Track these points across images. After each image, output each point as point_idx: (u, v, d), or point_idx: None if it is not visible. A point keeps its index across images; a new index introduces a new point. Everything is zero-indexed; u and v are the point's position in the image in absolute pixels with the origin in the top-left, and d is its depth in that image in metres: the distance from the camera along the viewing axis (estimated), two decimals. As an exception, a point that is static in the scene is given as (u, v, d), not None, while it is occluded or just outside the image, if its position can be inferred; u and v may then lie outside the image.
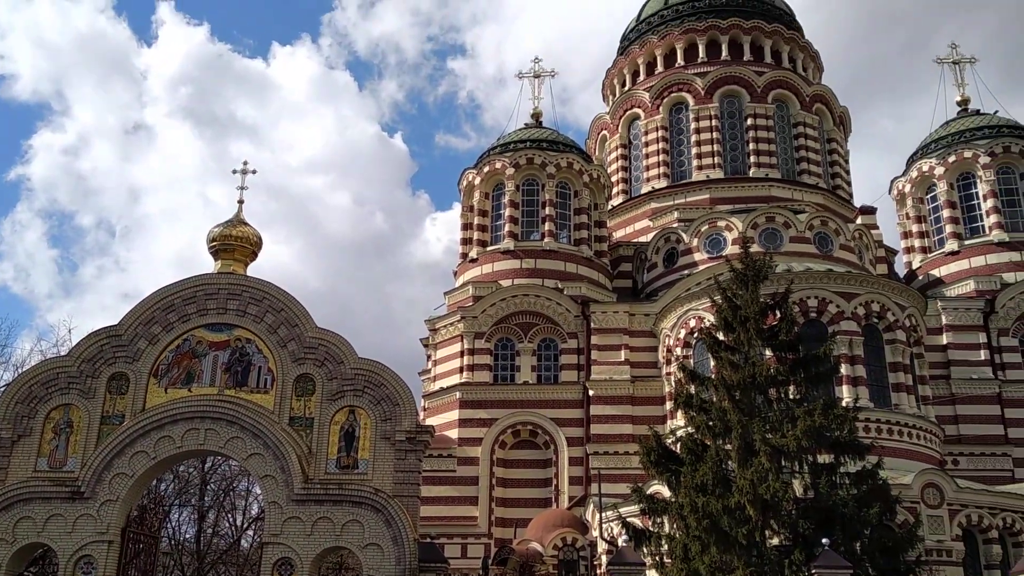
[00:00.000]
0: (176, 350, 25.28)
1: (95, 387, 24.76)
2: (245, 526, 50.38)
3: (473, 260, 47.37)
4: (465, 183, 49.31)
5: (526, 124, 52.09)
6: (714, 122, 52.71)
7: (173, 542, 46.74)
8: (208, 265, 27.55)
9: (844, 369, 36.15)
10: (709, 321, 36.13)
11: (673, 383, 38.86)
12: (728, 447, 25.07)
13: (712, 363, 28.92)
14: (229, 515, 50.84)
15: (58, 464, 24.12)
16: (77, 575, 22.86)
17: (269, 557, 23.09)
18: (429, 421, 41.35)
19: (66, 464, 24.08)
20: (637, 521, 27.78)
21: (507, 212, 47.21)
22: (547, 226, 46.59)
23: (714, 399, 25.98)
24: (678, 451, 26.13)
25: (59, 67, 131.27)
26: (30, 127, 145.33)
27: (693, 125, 53.07)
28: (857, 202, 54.17)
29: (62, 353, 30.03)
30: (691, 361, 39.52)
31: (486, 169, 48.34)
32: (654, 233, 48.91)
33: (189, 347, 25.31)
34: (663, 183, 52.52)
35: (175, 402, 24.44)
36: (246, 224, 27.54)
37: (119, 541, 23.48)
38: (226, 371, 25.05)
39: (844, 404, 28.47)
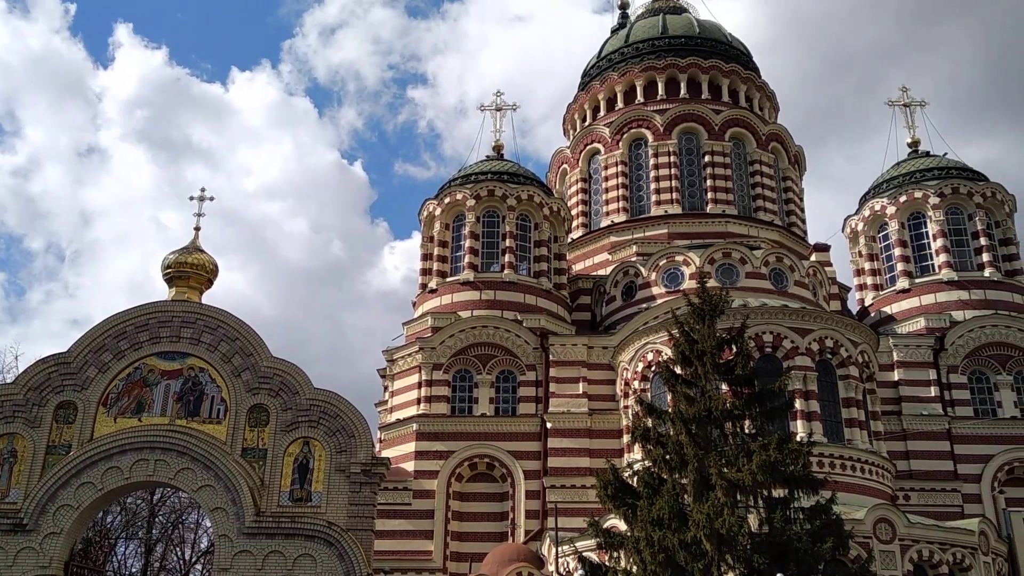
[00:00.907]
0: (127, 379, 24.83)
1: (41, 416, 24.17)
2: (194, 560, 49.32)
3: (432, 291, 47.25)
4: (426, 213, 49.32)
5: (487, 156, 52.39)
6: (672, 158, 53.49)
7: (119, 576, 45.55)
8: (161, 291, 27.19)
9: (798, 404, 36.54)
10: (666, 355, 36.34)
11: (631, 416, 39.00)
12: (685, 481, 25.14)
13: (669, 397, 29.05)
14: (177, 548, 49.76)
15: (0, 495, 23.41)
16: (16, 611, 22.15)
17: (218, 592, 22.58)
18: (385, 453, 40.89)
19: (8, 495, 23.42)
20: (593, 555, 27.65)
21: (467, 243, 47.25)
22: (507, 258, 46.70)
23: (671, 433, 26.05)
24: (635, 485, 26.12)
25: (11, 87, 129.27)
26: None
27: (652, 161, 53.81)
28: (811, 239, 55.19)
29: (8, 380, 29.28)
30: (649, 394, 39.65)
31: (447, 200, 48.41)
32: (613, 266, 49.27)
33: (140, 376, 24.87)
34: (622, 217, 53.07)
35: (124, 432, 23.94)
36: (202, 251, 27.25)
37: (62, 575, 22.79)
38: (178, 401, 24.63)
39: (798, 439, 28.70)
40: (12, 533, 22.73)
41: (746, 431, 26.02)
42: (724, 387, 27.26)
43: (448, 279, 47.19)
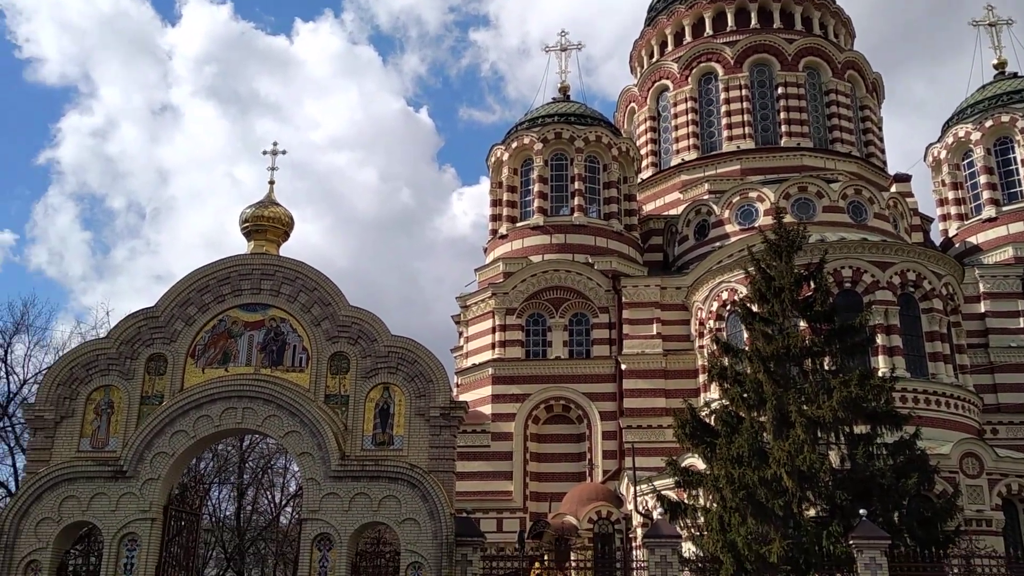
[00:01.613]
0: (212, 331, 25.55)
1: (134, 368, 25.13)
2: (284, 503, 51.17)
3: (503, 236, 47.35)
4: (493, 159, 49.19)
5: (554, 98, 51.81)
6: (744, 91, 52.05)
7: (214, 519, 47.58)
8: (237, 245, 27.98)
9: (880, 339, 35.73)
10: (742, 293, 35.90)
11: (706, 356, 38.76)
12: (763, 419, 24.99)
13: (745, 335, 28.79)
14: (268, 492, 51.65)
15: (100, 444, 24.53)
16: (122, 552, 23.31)
17: (308, 533, 23.40)
18: (462, 397, 41.52)
19: (108, 444, 24.49)
20: (672, 494, 27.82)
21: (536, 187, 47.09)
22: (576, 201, 46.42)
23: (748, 371, 25.85)
24: (712, 423, 26.10)
25: (84, 49, 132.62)
26: (58, 110, 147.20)
27: (723, 95, 52.46)
28: (891, 169, 53.43)
29: (101, 335, 30.47)
30: (724, 334, 39.26)
31: (514, 145, 48.18)
32: (684, 206, 48.56)
33: (224, 327, 25.56)
34: (693, 155, 52.06)
35: (212, 382, 24.75)
36: (278, 205, 27.68)
37: (161, 519, 23.87)
38: (261, 351, 25.29)
39: (880, 374, 28.29)
40: (114, 480, 23.85)
41: (826, 368, 25.67)
42: (802, 324, 26.87)
43: (518, 224, 47.19)
